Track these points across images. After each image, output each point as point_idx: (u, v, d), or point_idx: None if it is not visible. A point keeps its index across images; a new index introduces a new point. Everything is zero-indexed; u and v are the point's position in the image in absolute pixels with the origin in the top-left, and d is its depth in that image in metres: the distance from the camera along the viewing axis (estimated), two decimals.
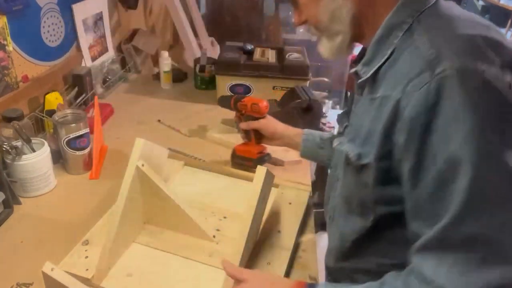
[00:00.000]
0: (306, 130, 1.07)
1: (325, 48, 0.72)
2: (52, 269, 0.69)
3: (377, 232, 0.69)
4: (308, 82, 1.54)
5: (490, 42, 0.54)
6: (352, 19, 0.66)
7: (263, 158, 1.16)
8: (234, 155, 1.18)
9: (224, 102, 1.20)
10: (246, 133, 1.14)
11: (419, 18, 0.60)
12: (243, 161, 1.15)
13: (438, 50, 0.54)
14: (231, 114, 1.42)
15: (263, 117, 1.11)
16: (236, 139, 1.32)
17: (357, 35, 0.69)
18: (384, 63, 0.62)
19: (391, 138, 0.58)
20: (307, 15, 0.71)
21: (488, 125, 0.49)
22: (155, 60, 2.12)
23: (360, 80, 0.67)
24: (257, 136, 1.12)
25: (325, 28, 0.69)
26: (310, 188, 1.09)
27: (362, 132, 0.66)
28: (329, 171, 0.92)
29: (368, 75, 0.65)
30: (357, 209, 0.70)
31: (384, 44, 0.63)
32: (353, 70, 0.70)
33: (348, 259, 0.77)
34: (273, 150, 1.27)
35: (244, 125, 1.13)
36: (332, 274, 0.85)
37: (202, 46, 2.24)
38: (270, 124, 1.10)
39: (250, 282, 0.65)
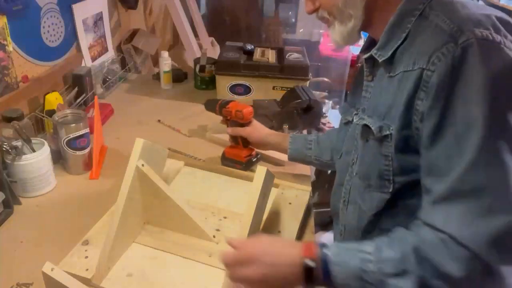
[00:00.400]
0: (291, 134, 1.12)
1: (336, 33, 0.74)
2: (52, 269, 0.69)
3: (395, 204, 0.72)
4: (308, 82, 1.54)
5: (501, 20, 0.60)
6: (366, 4, 0.70)
7: (251, 161, 1.17)
8: (224, 157, 1.20)
9: (210, 106, 1.22)
10: (233, 137, 1.16)
11: (430, 4, 0.65)
12: (233, 164, 1.17)
13: (459, 25, 0.59)
14: None
15: (249, 123, 1.13)
16: None
17: (366, 22, 0.72)
18: (400, 45, 0.67)
19: (413, 107, 0.62)
20: (321, 0, 0.74)
21: (502, 90, 0.55)
22: (155, 60, 2.13)
23: (381, 59, 0.70)
24: (244, 140, 1.14)
25: (339, 12, 0.72)
26: (310, 188, 1.09)
27: (380, 108, 0.70)
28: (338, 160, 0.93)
29: (388, 55, 0.68)
30: (376, 183, 0.72)
31: (399, 29, 0.67)
32: (366, 55, 0.73)
33: (366, 236, 0.77)
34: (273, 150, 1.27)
35: (230, 130, 1.15)
36: None
37: (202, 46, 2.24)
38: (256, 131, 1.13)
39: (257, 260, 0.64)
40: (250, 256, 0.65)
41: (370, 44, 0.78)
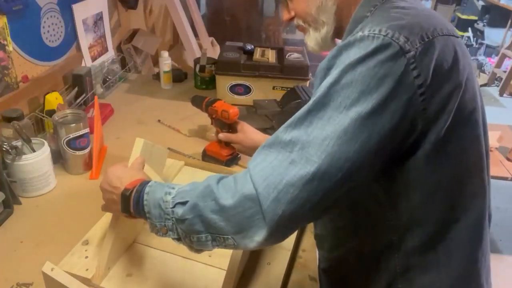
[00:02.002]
0: None
1: (312, 39, 0.77)
2: (52, 269, 0.69)
3: None
4: (308, 82, 1.54)
5: (412, 23, 0.60)
6: (336, 11, 0.73)
7: (231, 160, 1.20)
8: (205, 154, 1.22)
9: (196, 102, 1.23)
10: (217, 133, 1.18)
11: (374, 11, 0.67)
12: (213, 161, 1.19)
13: (365, 26, 0.62)
14: None
15: (234, 123, 1.15)
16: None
17: (339, 29, 0.75)
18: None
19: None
20: (296, 9, 0.78)
21: (353, 77, 0.57)
22: (155, 60, 2.13)
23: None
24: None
25: (312, 20, 0.75)
26: None
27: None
28: None
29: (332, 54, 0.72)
30: None
31: (350, 32, 0.69)
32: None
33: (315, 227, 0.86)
34: None
35: (223, 136, 1.16)
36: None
37: (202, 46, 2.24)
38: (248, 139, 1.13)
39: (107, 177, 0.77)
40: (109, 171, 0.79)
41: None
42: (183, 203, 0.63)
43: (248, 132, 1.14)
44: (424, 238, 0.66)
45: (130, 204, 0.70)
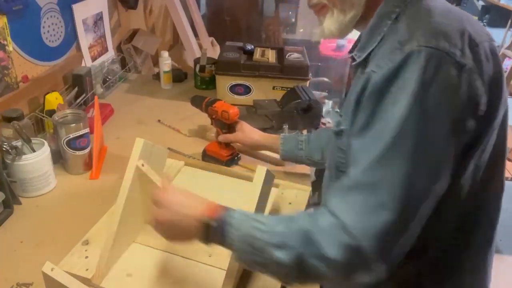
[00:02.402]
0: (283, 135, 1.12)
1: (333, 21, 0.72)
2: (52, 269, 0.69)
3: None
4: (308, 82, 1.54)
5: (459, 30, 0.59)
6: None
7: (232, 160, 1.19)
8: (205, 154, 1.22)
9: (196, 102, 1.24)
10: (217, 136, 1.19)
11: (405, 8, 0.65)
12: (213, 161, 1.20)
13: (412, 32, 0.60)
14: None
15: (234, 123, 1.15)
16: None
17: (361, 18, 0.71)
18: (374, 48, 0.68)
19: (359, 105, 0.64)
20: None
21: (431, 101, 0.56)
22: (155, 60, 2.13)
23: (354, 63, 0.72)
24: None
25: (342, 0, 0.70)
26: (310, 188, 1.09)
27: (347, 102, 0.72)
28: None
29: (361, 59, 0.70)
30: (336, 175, 0.76)
31: (376, 31, 0.67)
32: (350, 55, 0.75)
33: None
34: None
35: (222, 138, 1.16)
36: None
37: (202, 46, 2.24)
38: (246, 138, 1.14)
39: (168, 205, 0.70)
40: (164, 200, 0.71)
41: (357, 43, 0.79)
42: (280, 247, 0.60)
43: (247, 131, 1.15)
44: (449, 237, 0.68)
45: (210, 234, 0.66)
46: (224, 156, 1.18)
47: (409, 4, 0.65)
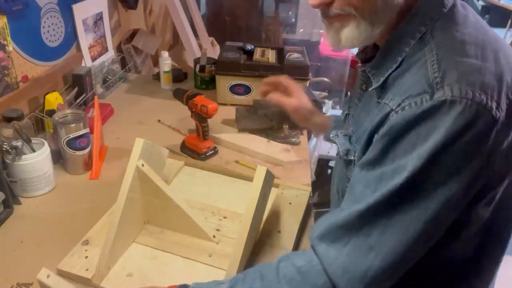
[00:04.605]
0: (334, 118, 1.01)
1: (356, 33, 0.63)
2: (48, 276, 0.69)
3: None
4: (308, 82, 1.54)
5: (496, 76, 0.54)
6: (398, 11, 0.62)
7: (208, 153, 1.24)
8: (183, 145, 1.26)
9: (178, 95, 1.26)
10: (196, 128, 1.22)
11: (433, 27, 0.58)
12: (190, 153, 1.24)
13: (443, 73, 0.53)
14: (231, 114, 1.43)
15: (209, 118, 1.19)
16: (236, 139, 1.32)
17: (381, 32, 0.64)
18: (394, 70, 0.62)
19: (372, 139, 0.61)
20: None
21: (450, 158, 0.52)
22: (155, 60, 2.13)
23: (371, 88, 0.65)
24: (205, 133, 1.22)
25: (372, 11, 0.61)
26: (310, 188, 1.09)
27: (359, 129, 0.69)
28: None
29: (378, 83, 0.63)
30: (341, 199, 0.74)
31: (395, 49, 0.61)
32: (361, 68, 0.70)
33: None
34: (273, 150, 1.27)
35: (276, 98, 1.01)
36: None
37: (202, 46, 2.24)
38: (302, 108, 1.00)
39: None
40: None
41: (366, 47, 0.74)
42: None
43: (303, 101, 1.00)
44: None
45: None
46: (201, 149, 1.22)
47: (438, 22, 0.58)
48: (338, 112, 2.57)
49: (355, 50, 0.78)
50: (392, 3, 0.60)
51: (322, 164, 2.31)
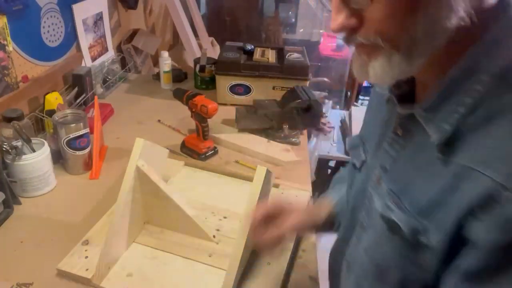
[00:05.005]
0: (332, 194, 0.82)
1: (388, 68, 0.48)
2: None
3: None
4: (308, 82, 1.54)
5: None
6: (449, 36, 0.45)
7: (208, 153, 1.24)
8: (183, 145, 1.27)
9: (178, 94, 1.26)
10: (196, 128, 1.23)
11: (501, 83, 0.44)
12: (190, 153, 1.24)
13: None
14: (231, 114, 1.43)
15: (209, 118, 1.19)
16: (236, 139, 1.32)
17: (434, 56, 0.48)
18: (464, 116, 0.46)
19: (471, 224, 0.43)
20: (377, 19, 0.45)
21: None
22: (155, 60, 2.13)
23: (437, 143, 0.48)
24: (205, 133, 1.22)
25: (408, 42, 0.45)
26: (310, 188, 1.09)
27: (417, 196, 0.50)
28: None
29: (447, 134, 0.47)
30: (396, 285, 0.54)
31: (460, 87, 0.46)
32: (405, 111, 0.53)
33: None
34: (273, 150, 1.27)
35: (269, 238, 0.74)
36: None
37: (202, 46, 2.24)
38: (303, 225, 0.77)
39: None
40: None
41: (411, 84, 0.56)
42: None
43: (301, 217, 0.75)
44: None
45: None
46: (201, 149, 1.23)
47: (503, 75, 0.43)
48: (338, 112, 2.57)
49: None
50: (440, 28, 0.44)
51: (322, 164, 2.31)
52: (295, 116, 1.35)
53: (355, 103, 2.99)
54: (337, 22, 0.47)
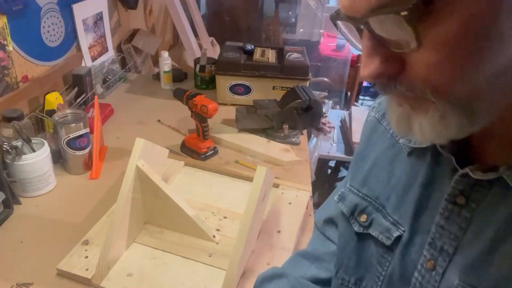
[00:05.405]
0: None
1: (436, 127, 0.37)
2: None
3: None
4: (308, 82, 1.54)
5: None
6: None
7: (208, 153, 1.24)
8: (183, 146, 1.27)
9: (178, 94, 1.26)
10: (196, 128, 1.23)
11: None
12: (190, 153, 1.25)
13: None
14: (231, 114, 1.43)
15: (209, 118, 1.19)
16: (236, 139, 1.32)
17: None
18: None
19: None
20: (424, 65, 0.34)
21: None
22: (155, 60, 2.13)
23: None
24: (205, 133, 1.22)
25: (470, 97, 0.35)
26: (310, 188, 1.09)
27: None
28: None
29: None
30: None
31: None
32: (478, 175, 0.41)
33: None
34: (273, 150, 1.27)
35: None
36: None
37: (202, 46, 2.24)
38: None
39: None
40: None
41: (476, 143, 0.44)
42: None
43: None
44: None
45: None
46: (201, 149, 1.23)
47: None
48: (338, 112, 2.57)
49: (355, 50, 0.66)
50: (505, 78, 0.34)
51: (322, 164, 2.31)
52: (295, 116, 1.35)
53: (355, 103, 2.99)
54: (370, 69, 0.37)
